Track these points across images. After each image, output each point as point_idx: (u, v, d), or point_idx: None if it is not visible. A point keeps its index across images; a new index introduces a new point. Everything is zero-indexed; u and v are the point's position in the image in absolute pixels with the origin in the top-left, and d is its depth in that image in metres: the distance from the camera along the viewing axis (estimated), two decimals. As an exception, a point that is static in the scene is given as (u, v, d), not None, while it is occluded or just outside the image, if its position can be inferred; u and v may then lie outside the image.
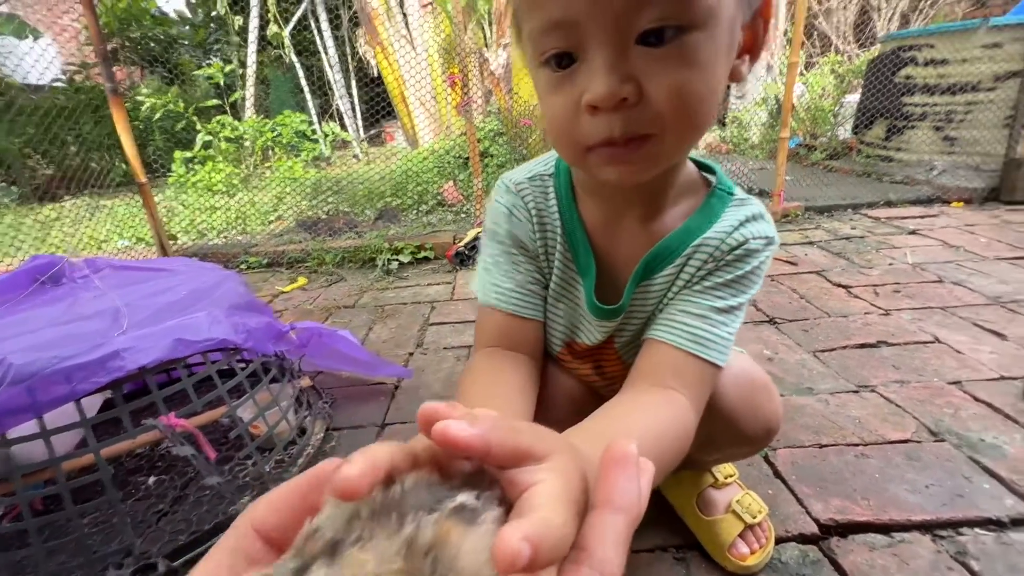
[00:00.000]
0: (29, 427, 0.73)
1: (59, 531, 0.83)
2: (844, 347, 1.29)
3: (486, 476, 0.21)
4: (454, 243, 2.30)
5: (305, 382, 1.18)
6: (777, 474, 0.89)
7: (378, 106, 4.42)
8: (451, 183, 3.27)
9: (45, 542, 0.77)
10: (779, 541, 0.76)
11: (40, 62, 3.26)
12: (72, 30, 4.86)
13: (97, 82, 4.41)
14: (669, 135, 0.42)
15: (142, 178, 2.31)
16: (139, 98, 4.62)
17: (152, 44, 5.89)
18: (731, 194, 0.55)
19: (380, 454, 0.20)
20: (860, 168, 3.25)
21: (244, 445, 0.89)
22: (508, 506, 0.20)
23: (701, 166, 0.59)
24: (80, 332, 0.76)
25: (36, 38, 4.06)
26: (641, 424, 0.44)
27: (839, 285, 1.69)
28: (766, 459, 0.92)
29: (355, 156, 4.96)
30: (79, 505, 0.73)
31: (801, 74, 4.25)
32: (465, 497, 0.19)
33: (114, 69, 2.21)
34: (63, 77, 4.91)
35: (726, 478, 0.77)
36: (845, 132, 3.82)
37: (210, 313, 0.84)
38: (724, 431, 0.61)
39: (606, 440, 0.23)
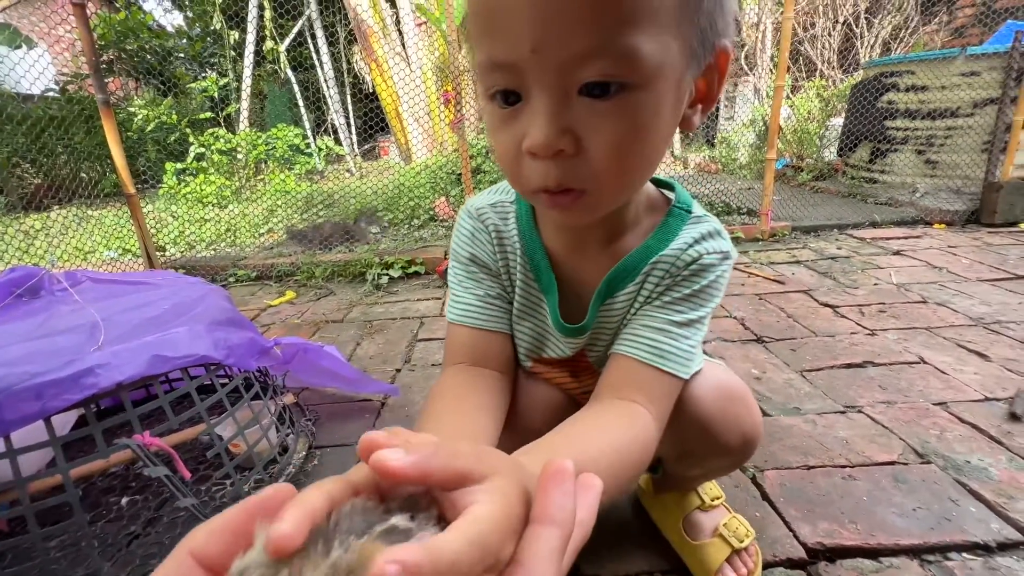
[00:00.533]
0: (-4, 445, 0.70)
1: (23, 555, 0.80)
2: (831, 367, 1.30)
3: (425, 498, 0.21)
4: (445, 258, 2.29)
5: (289, 399, 1.16)
6: (765, 496, 0.88)
7: (372, 121, 4.45)
8: (444, 199, 3.28)
9: (8, 567, 0.74)
10: (767, 566, 0.75)
11: (32, 71, 3.25)
12: (67, 40, 4.87)
13: (90, 93, 4.41)
14: (604, 191, 0.43)
15: (130, 189, 2.30)
16: (132, 109, 4.62)
17: (148, 56, 5.91)
18: (689, 212, 0.57)
19: (315, 500, 0.20)
20: (846, 189, 3.31)
21: (223, 464, 0.87)
22: (446, 526, 0.20)
23: (660, 183, 0.61)
24: (53, 347, 0.74)
25: (30, 47, 4.06)
26: (600, 441, 0.45)
27: (826, 305, 1.71)
28: (753, 481, 0.92)
29: (348, 171, 4.97)
30: (45, 528, 0.70)
31: (788, 97, 4.35)
32: (398, 519, 0.19)
33: (108, 80, 2.20)
34: (56, 87, 4.89)
35: (713, 500, 0.76)
36: (831, 154, 3.90)
37: (191, 328, 0.82)
38: (701, 441, 0.61)
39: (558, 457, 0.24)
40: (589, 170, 0.41)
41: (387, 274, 2.27)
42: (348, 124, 5.76)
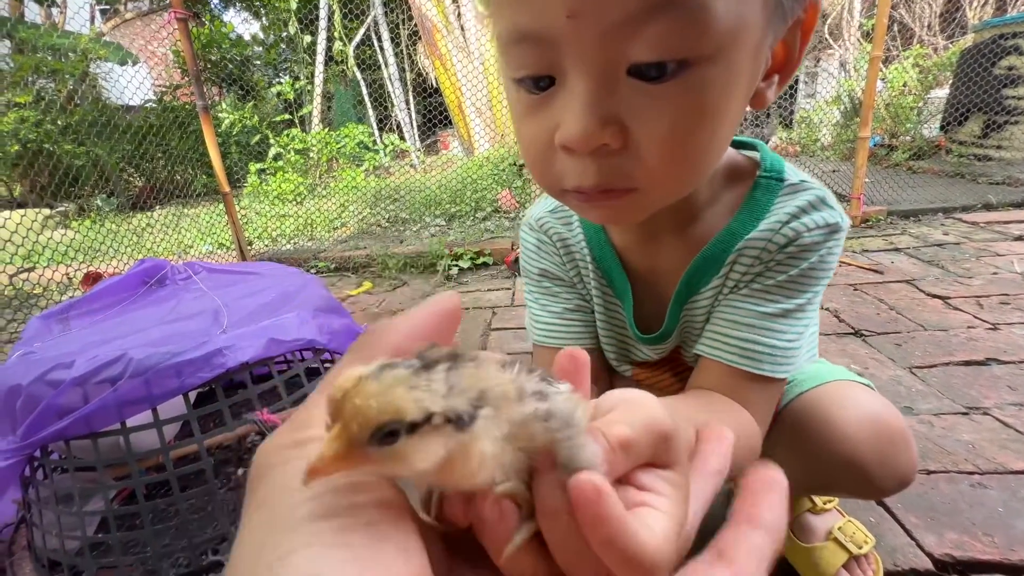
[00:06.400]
0: (140, 418, 0.79)
1: (161, 515, 0.90)
2: (947, 364, 1.18)
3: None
4: (513, 249, 2.30)
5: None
6: (879, 500, 0.81)
7: (434, 116, 4.55)
8: (507, 190, 3.30)
9: (151, 525, 0.83)
10: None
11: (132, 84, 3.62)
12: (160, 55, 5.36)
13: (184, 101, 4.82)
14: (657, 190, 0.35)
15: (226, 188, 2.48)
16: (221, 115, 5.00)
17: (230, 65, 6.37)
18: (780, 180, 0.46)
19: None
20: (951, 168, 2.98)
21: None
22: None
23: (742, 144, 0.50)
24: (186, 330, 0.81)
25: (135, 64, 4.50)
26: (697, 412, 0.42)
27: (934, 295, 1.55)
28: (864, 483, 0.85)
29: (411, 164, 5.12)
30: (184, 492, 0.78)
31: (879, 69, 3.96)
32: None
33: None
34: (154, 98, 5.40)
35: (825, 503, 0.72)
36: (931, 130, 3.53)
37: (298, 314, 0.88)
38: (851, 481, 0.53)
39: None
40: (639, 167, 0.33)
41: (457, 265, 2.31)
42: (411, 120, 5.92)
